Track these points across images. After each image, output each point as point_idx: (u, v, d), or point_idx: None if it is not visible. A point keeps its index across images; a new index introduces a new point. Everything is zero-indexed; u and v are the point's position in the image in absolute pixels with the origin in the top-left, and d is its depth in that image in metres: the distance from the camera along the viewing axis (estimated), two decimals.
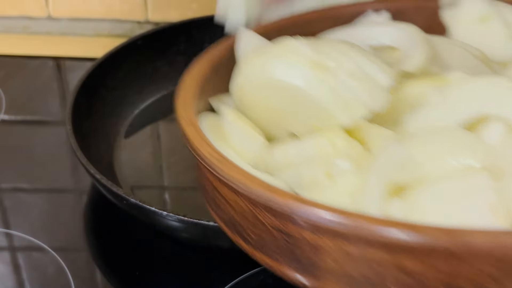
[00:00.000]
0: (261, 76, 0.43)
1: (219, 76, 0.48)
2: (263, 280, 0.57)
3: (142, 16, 0.87)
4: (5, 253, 0.60)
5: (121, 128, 0.70)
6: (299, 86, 0.41)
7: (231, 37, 0.50)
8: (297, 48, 0.42)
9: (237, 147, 0.43)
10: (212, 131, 0.44)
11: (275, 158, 0.42)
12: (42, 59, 0.84)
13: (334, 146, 0.40)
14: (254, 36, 0.49)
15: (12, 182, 0.67)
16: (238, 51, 0.49)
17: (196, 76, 0.46)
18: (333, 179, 0.38)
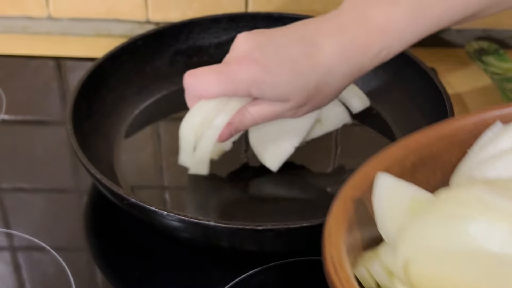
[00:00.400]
0: (448, 246, 0.34)
1: (351, 232, 0.39)
2: (263, 280, 0.57)
3: (143, 16, 0.87)
4: (5, 253, 0.60)
5: (121, 128, 0.70)
6: (507, 253, 0.33)
7: (357, 182, 0.42)
8: (486, 200, 0.34)
9: None
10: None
11: None
12: (42, 59, 0.84)
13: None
14: (396, 182, 0.39)
15: (12, 182, 0.67)
16: (380, 202, 0.40)
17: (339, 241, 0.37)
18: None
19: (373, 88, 0.74)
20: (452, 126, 0.45)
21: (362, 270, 0.38)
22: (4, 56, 0.84)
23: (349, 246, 0.38)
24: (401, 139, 0.45)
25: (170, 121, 0.72)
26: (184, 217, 0.52)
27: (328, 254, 0.36)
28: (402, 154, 0.43)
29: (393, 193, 0.39)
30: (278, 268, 0.58)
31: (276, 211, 0.62)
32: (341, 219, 0.38)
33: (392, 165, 0.43)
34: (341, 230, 0.38)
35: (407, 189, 0.39)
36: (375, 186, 0.39)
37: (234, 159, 0.67)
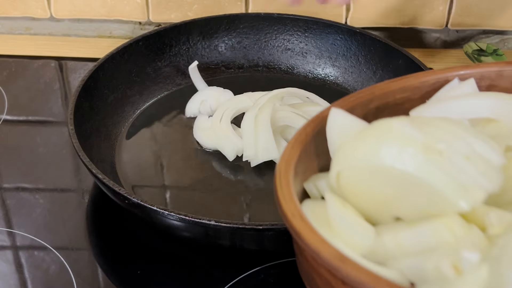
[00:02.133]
0: (367, 163, 0.40)
1: (308, 157, 0.46)
2: (263, 279, 0.57)
3: (144, 17, 0.87)
4: (7, 252, 0.60)
5: (123, 128, 0.71)
6: (411, 173, 0.38)
7: (318, 117, 0.47)
8: (403, 130, 0.39)
9: (345, 238, 0.40)
10: (315, 220, 0.41)
11: (387, 246, 0.39)
12: (44, 60, 0.84)
13: (453, 234, 0.38)
14: (346, 116, 0.45)
15: (14, 181, 0.67)
16: (331, 133, 0.46)
17: (289, 162, 0.44)
18: (462, 273, 0.35)
19: None
20: (417, 80, 0.50)
21: (310, 185, 0.45)
22: (6, 56, 0.84)
23: (303, 168, 0.45)
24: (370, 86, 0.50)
25: (171, 121, 0.72)
26: (185, 217, 0.53)
27: (277, 169, 0.43)
28: (368, 98, 0.48)
29: (343, 125, 0.45)
30: (279, 267, 0.58)
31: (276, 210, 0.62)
32: (297, 146, 0.44)
33: (357, 106, 0.48)
34: (295, 154, 0.44)
35: (356, 123, 0.45)
36: (329, 119, 0.45)
37: (234, 159, 0.67)
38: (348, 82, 0.76)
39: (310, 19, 0.77)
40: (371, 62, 0.75)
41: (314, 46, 0.78)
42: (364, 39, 0.75)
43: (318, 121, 0.46)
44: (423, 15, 0.84)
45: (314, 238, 0.37)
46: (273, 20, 0.79)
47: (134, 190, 0.64)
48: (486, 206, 0.39)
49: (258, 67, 0.80)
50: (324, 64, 0.78)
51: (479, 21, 0.84)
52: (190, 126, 0.71)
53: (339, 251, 0.36)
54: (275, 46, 0.79)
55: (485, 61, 0.80)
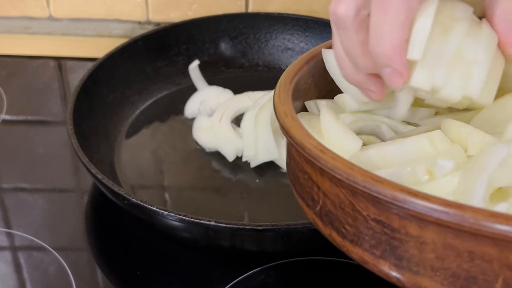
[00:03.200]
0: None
1: (311, 80, 0.48)
2: (263, 280, 0.57)
3: (143, 16, 0.87)
4: (6, 252, 0.60)
5: (122, 128, 0.70)
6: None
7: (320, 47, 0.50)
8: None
9: (333, 143, 0.43)
10: (307, 126, 0.43)
11: (371, 157, 0.41)
12: (43, 59, 0.84)
13: (435, 147, 0.40)
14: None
15: (13, 182, 0.67)
16: (331, 67, 0.48)
17: (291, 74, 0.47)
18: (435, 177, 0.37)
19: None
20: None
21: (310, 103, 0.49)
22: (5, 56, 0.84)
23: (305, 88, 0.48)
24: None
25: (171, 121, 0.72)
26: (184, 217, 0.53)
27: (280, 79, 0.46)
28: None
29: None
30: (279, 268, 0.58)
31: (276, 210, 0.62)
32: (302, 62, 0.48)
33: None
34: (298, 69, 0.47)
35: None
36: (325, 58, 0.48)
37: (234, 159, 0.67)
38: None
39: (310, 19, 0.77)
40: None
41: (314, 46, 0.78)
42: None
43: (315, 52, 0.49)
44: None
45: (300, 133, 0.39)
46: (273, 20, 0.78)
47: (134, 190, 0.63)
48: (471, 127, 0.41)
49: (258, 67, 0.79)
50: None
51: None
52: (190, 126, 0.71)
53: (321, 144, 0.38)
54: (275, 46, 0.79)
55: None
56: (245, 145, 0.65)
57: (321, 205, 0.40)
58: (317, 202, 0.41)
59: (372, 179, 0.35)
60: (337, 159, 0.37)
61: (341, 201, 0.38)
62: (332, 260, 0.58)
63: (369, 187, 0.35)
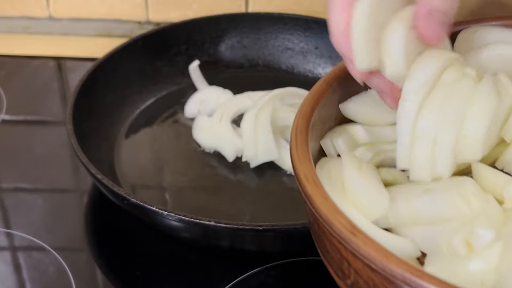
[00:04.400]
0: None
1: (327, 109, 0.46)
2: (263, 280, 0.57)
3: (143, 16, 0.87)
4: (6, 253, 0.60)
5: (122, 128, 0.70)
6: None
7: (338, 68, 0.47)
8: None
9: (359, 203, 0.40)
10: (329, 182, 0.40)
11: (400, 212, 0.39)
12: (43, 59, 0.84)
13: (469, 205, 0.37)
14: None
15: (13, 182, 0.67)
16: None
17: (306, 117, 0.43)
18: (474, 250, 0.35)
19: None
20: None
21: (327, 142, 0.45)
22: (5, 56, 0.84)
23: (321, 119, 0.45)
24: None
25: (170, 121, 0.72)
26: (184, 217, 0.52)
27: (294, 125, 0.43)
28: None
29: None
30: (279, 268, 0.58)
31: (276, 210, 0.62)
32: (316, 98, 0.44)
33: None
34: (312, 108, 0.44)
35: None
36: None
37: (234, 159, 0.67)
38: None
39: (310, 19, 0.77)
40: None
41: (314, 46, 0.78)
42: None
43: (337, 71, 0.46)
44: None
45: (326, 206, 0.36)
46: (273, 20, 0.78)
47: (133, 191, 0.63)
48: (506, 177, 0.39)
49: (258, 67, 0.79)
50: (324, 64, 0.78)
51: None
52: (190, 126, 0.71)
53: (351, 222, 0.35)
54: (275, 46, 0.79)
55: None
56: (245, 145, 0.65)
57: (352, 281, 0.38)
58: (348, 276, 0.38)
59: (412, 273, 0.32)
60: (370, 244, 0.34)
61: (376, 285, 0.35)
62: None
63: (409, 281, 0.32)
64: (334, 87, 0.46)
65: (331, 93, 0.46)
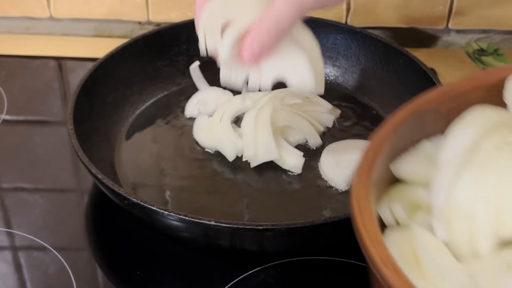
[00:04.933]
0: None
1: (377, 172, 0.42)
2: (263, 279, 0.57)
3: (143, 16, 0.87)
4: (7, 252, 0.60)
5: (122, 128, 0.71)
6: None
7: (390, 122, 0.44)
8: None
9: (436, 283, 0.37)
10: (401, 257, 0.37)
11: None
12: (43, 59, 0.84)
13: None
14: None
15: (13, 182, 0.67)
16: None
17: (364, 187, 0.39)
18: None
19: (373, 88, 0.75)
20: (494, 76, 0.45)
21: (384, 210, 0.41)
22: (6, 56, 0.84)
23: (376, 181, 0.41)
24: (438, 87, 0.46)
25: (171, 121, 0.72)
26: (185, 217, 0.53)
27: (354, 193, 0.38)
28: (439, 101, 0.44)
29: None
30: (279, 267, 0.58)
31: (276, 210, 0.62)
32: (371, 159, 0.40)
33: (428, 111, 0.44)
34: (370, 170, 0.40)
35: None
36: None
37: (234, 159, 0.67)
38: (348, 82, 0.76)
39: (310, 19, 0.77)
40: (372, 62, 0.75)
41: None
42: (364, 39, 0.75)
43: (394, 126, 0.42)
44: (423, 15, 0.84)
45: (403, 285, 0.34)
46: None
47: (134, 190, 0.63)
48: None
49: None
50: (324, 63, 0.78)
51: (480, 21, 0.84)
52: (190, 126, 0.71)
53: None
54: None
55: (485, 61, 0.80)
56: (245, 145, 0.65)
57: None
58: None
59: None
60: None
61: None
62: (332, 260, 0.58)
63: None
64: (384, 148, 0.42)
65: (382, 154, 0.42)
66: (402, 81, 0.72)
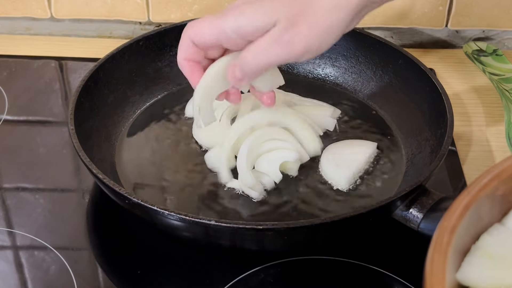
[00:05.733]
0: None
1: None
2: (263, 279, 0.57)
3: (144, 17, 0.87)
4: (8, 251, 0.60)
5: (123, 128, 0.71)
6: None
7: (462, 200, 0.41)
8: None
9: None
10: None
11: None
12: (44, 60, 0.84)
13: None
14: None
15: (15, 181, 0.67)
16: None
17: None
18: None
19: (373, 88, 0.75)
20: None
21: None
22: (7, 56, 0.84)
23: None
24: (491, 168, 0.42)
25: (171, 121, 0.72)
26: (185, 217, 0.53)
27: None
28: (492, 184, 0.42)
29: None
30: (279, 267, 0.58)
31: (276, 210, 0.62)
32: (441, 273, 0.37)
33: (483, 198, 0.41)
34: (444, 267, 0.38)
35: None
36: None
37: None
38: (348, 82, 0.76)
39: None
40: (371, 62, 0.75)
41: None
42: (364, 39, 0.75)
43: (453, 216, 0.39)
44: (423, 15, 0.84)
45: None
46: None
47: (134, 190, 0.64)
48: None
49: None
50: (324, 64, 0.78)
51: (479, 21, 0.85)
52: (190, 126, 0.71)
53: None
54: None
55: (485, 61, 0.80)
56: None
57: None
58: None
59: None
60: None
61: None
62: (332, 260, 0.58)
63: None
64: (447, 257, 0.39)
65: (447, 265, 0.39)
66: (402, 81, 0.72)
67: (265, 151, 0.65)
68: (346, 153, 0.66)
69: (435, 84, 0.67)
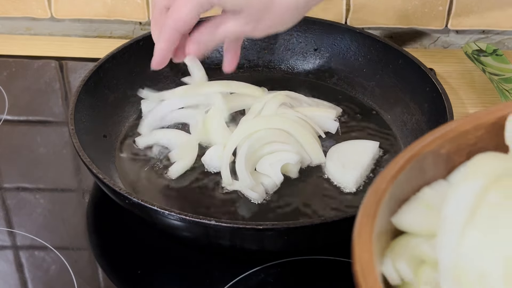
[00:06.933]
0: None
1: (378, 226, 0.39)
2: (263, 279, 0.57)
3: (144, 17, 0.87)
4: (8, 251, 0.60)
5: (123, 128, 0.71)
6: None
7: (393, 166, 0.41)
8: None
9: None
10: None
11: None
12: (44, 60, 0.84)
13: None
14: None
15: (15, 181, 0.67)
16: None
17: (367, 250, 0.37)
18: None
19: (373, 88, 0.75)
20: (493, 115, 0.43)
21: (389, 268, 0.39)
22: (7, 56, 0.84)
23: (378, 236, 0.39)
24: (438, 128, 0.43)
25: None
26: (185, 217, 0.53)
27: (357, 256, 0.36)
28: (437, 142, 0.42)
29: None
30: (279, 267, 0.58)
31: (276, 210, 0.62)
32: (372, 215, 0.38)
33: (428, 155, 0.42)
34: (371, 227, 0.37)
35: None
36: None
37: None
38: (348, 82, 0.77)
39: (310, 19, 0.77)
40: (371, 62, 0.75)
41: (314, 46, 0.78)
42: (364, 39, 0.75)
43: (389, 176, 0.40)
44: (423, 15, 0.84)
45: None
46: None
47: (135, 190, 0.64)
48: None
49: (258, 67, 0.80)
50: (324, 64, 0.78)
51: (479, 21, 0.85)
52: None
53: None
54: (275, 46, 0.79)
55: (484, 61, 0.80)
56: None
57: None
58: None
59: None
60: None
61: None
62: (332, 260, 0.58)
63: None
64: (384, 200, 0.39)
65: (383, 207, 0.39)
66: (402, 81, 0.72)
67: (266, 153, 0.65)
68: (351, 154, 0.66)
69: (435, 84, 0.67)
